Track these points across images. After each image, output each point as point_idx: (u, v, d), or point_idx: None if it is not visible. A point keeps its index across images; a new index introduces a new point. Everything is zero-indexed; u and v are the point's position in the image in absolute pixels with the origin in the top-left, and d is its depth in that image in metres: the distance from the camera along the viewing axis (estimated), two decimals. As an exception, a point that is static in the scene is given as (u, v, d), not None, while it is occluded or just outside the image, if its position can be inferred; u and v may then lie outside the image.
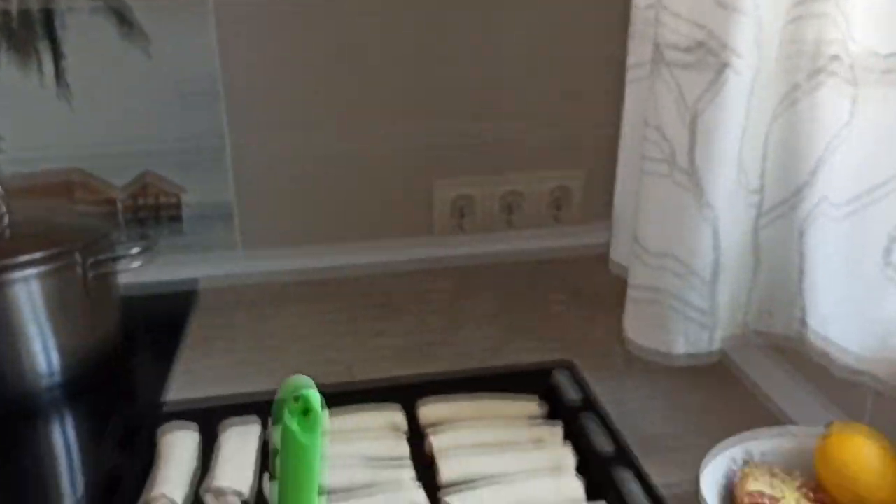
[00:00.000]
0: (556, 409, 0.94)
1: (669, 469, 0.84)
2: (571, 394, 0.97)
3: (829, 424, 0.79)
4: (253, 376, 1.09)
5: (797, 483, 0.77)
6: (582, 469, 0.83)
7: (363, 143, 1.40)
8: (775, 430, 0.85)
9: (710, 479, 0.76)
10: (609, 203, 1.09)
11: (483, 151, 1.42)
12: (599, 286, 1.33)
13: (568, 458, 0.86)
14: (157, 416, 0.93)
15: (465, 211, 1.44)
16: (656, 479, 0.83)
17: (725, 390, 1.03)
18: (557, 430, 0.90)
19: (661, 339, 0.86)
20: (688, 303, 0.84)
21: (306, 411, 0.54)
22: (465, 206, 1.44)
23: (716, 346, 0.86)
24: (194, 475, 0.86)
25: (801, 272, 0.82)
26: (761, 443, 0.81)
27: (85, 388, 1.08)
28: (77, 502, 0.86)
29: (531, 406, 0.95)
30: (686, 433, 0.93)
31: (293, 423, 0.53)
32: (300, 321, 1.24)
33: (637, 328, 0.92)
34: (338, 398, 0.89)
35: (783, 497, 0.75)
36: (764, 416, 0.93)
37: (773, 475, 0.77)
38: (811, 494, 0.75)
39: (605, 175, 1.10)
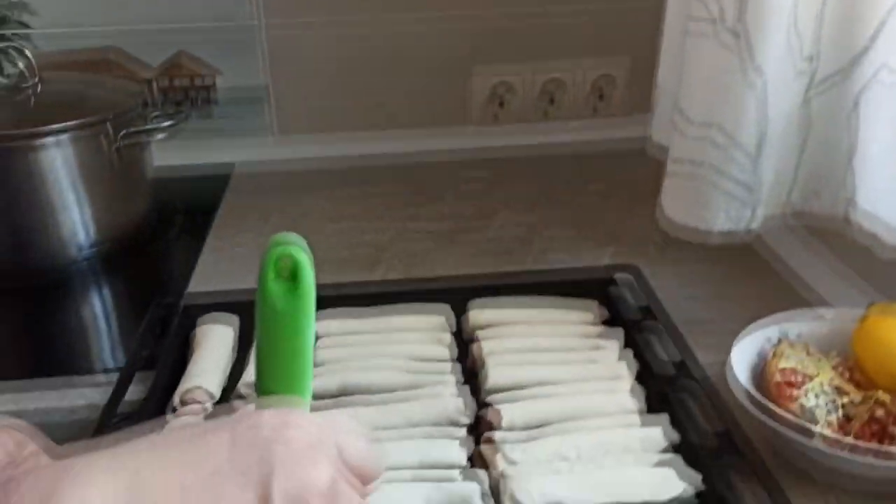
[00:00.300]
0: (617, 316, 0.87)
1: (705, 351, 0.82)
2: (634, 300, 0.89)
3: (869, 305, 0.75)
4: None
5: (833, 363, 0.74)
6: (642, 380, 0.76)
7: (400, 27, 1.31)
8: (812, 311, 0.81)
9: (742, 356, 0.74)
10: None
11: (524, 37, 1.33)
12: (638, 179, 1.28)
13: (628, 365, 0.78)
14: (194, 306, 0.89)
15: (503, 99, 1.37)
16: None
17: (762, 277, 0.97)
18: (617, 338, 0.83)
19: (700, 216, 0.81)
20: (730, 177, 0.78)
21: (294, 276, 0.42)
22: (503, 94, 1.37)
23: (757, 224, 0.81)
24: (231, 367, 0.82)
25: (853, 147, 0.76)
26: (797, 323, 0.77)
27: (117, 264, 1.06)
28: (109, 380, 0.82)
29: (589, 311, 0.87)
30: (722, 319, 0.89)
31: (273, 285, 0.42)
32: (333, 205, 1.19)
33: (675, 205, 0.86)
34: (383, 296, 0.89)
35: (817, 375, 0.72)
36: (801, 301, 0.89)
37: (808, 354, 0.74)
38: (847, 374, 0.72)
39: (651, 65, 1.05)
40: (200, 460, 0.33)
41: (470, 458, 0.69)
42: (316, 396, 0.76)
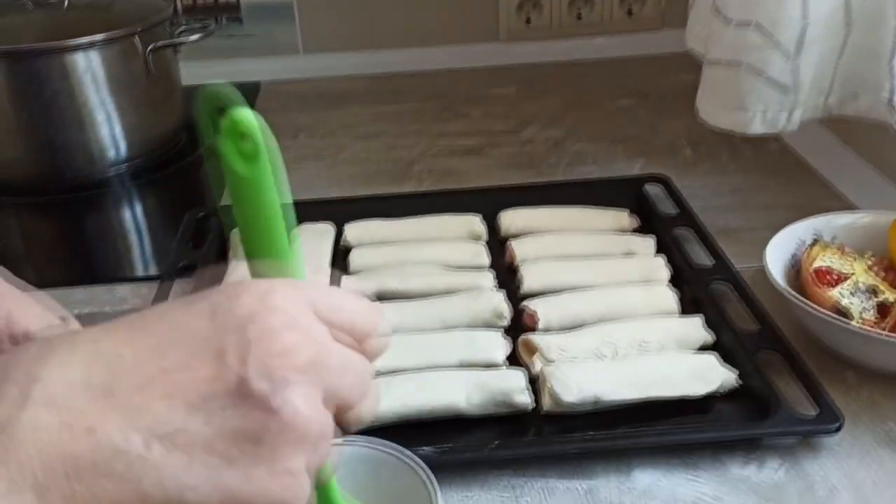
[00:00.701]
0: (648, 225, 0.87)
1: (736, 258, 0.82)
2: (664, 209, 0.90)
3: (906, 204, 0.75)
4: (315, 171, 1.10)
5: (867, 263, 0.74)
6: (675, 284, 0.77)
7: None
8: (845, 213, 0.80)
9: (776, 257, 0.74)
10: (686, 5, 1.02)
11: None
12: (667, 91, 1.27)
13: (661, 270, 0.79)
14: (227, 217, 0.91)
15: (530, 16, 1.35)
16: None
17: (792, 188, 0.97)
18: (650, 243, 0.83)
19: (737, 119, 0.79)
20: (768, 78, 0.76)
21: (241, 134, 0.36)
22: (530, 10, 1.34)
23: (793, 127, 0.81)
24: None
25: (894, 49, 0.76)
26: (831, 225, 0.77)
27: (150, 178, 1.07)
28: (149, 288, 0.83)
29: (622, 217, 0.87)
30: (753, 227, 0.89)
31: (229, 151, 0.36)
32: (361, 122, 1.19)
33: (712, 107, 0.84)
34: (413, 207, 0.89)
35: (852, 273, 0.72)
36: (833, 208, 0.90)
37: (842, 254, 0.75)
38: (882, 273, 0.73)
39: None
40: (179, 341, 0.32)
41: (507, 360, 0.70)
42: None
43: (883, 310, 0.68)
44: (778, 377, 0.66)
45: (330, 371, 0.33)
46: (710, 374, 0.66)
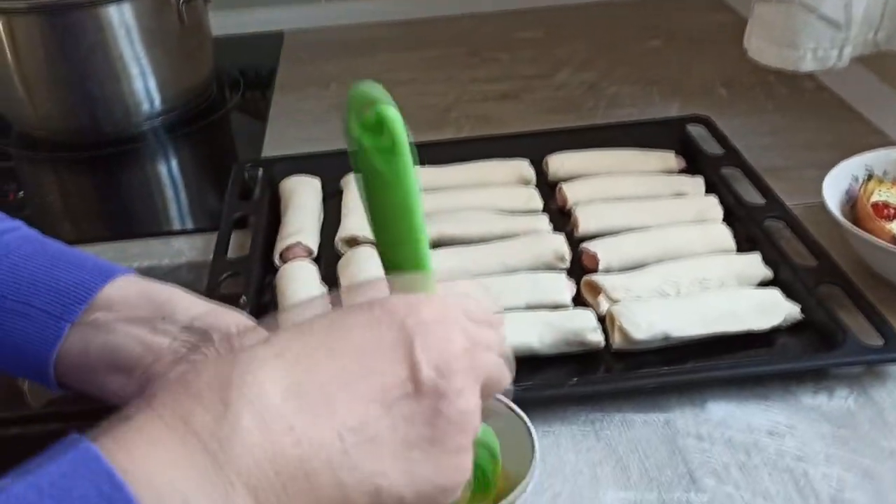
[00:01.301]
0: (694, 165, 0.88)
1: (785, 196, 0.81)
2: (709, 147, 0.90)
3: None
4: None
5: (922, 196, 0.76)
6: (729, 222, 0.78)
7: None
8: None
9: (831, 193, 0.76)
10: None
11: None
12: (697, 29, 1.27)
13: (714, 208, 0.80)
14: (274, 168, 0.91)
15: None
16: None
17: (833, 122, 0.98)
18: (699, 183, 0.84)
19: (787, 56, 0.79)
20: (821, 15, 0.76)
21: (382, 130, 0.38)
22: None
23: (844, 63, 0.81)
24: (321, 223, 0.84)
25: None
26: (884, 160, 0.78)
27: (185, 131, 1.07)
28: (200, 240, 0.86)
29: (668, 159, 0.88)
30: (798, 165, 0.90)
31: (370, 145, 0.38)
32: (389, 69, 1.18)
33: (762, 46, 0.83)
34: (458, 154, 0.89)
35: (908, 207, 0.74)
36: (877, 143, 0.91)
37: (897, 189, 0.76)
38: (936, 206, 0.74)
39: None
40: (350, 342, 0.36)
41: (572, 301, 0.71)
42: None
43: (940, 242, 0.70)
44: (840, 309, 0.68)
45: (478, 358, 0.38)
46: (773, 308, 0.68)
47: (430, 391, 0.35)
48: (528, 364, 0.66)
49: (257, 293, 0.75)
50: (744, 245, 0.77)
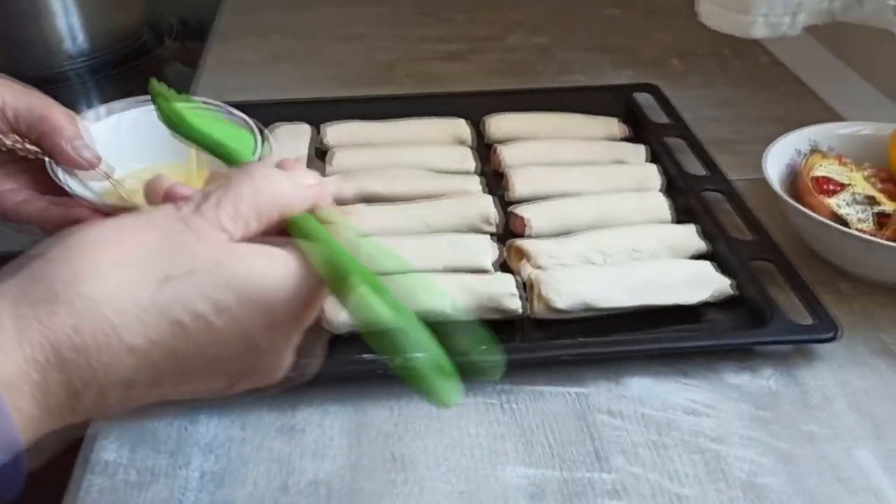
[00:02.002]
0: (638, 134, 0.84)
1: (729, 169, 0.79)
2: (655, 116, 0.86)
3: (909, 114, 0.73)
4: (291, 73, 1.04)
5: (866, 172, 0.72)
6: (668, 193, 0.74)
7: None
8: (844, 123, 0.79)
9: (773, 165, 0.72)
10: None
11: None
12: (655, 1, 1.23)
13: (654, 177, 0.76)
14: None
15: None
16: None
17: (786, 97, 0.95)
18: (641, 151, 0.80)
19: (738, 21, 0.75)
20: None
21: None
22: None
23: (796, 30, 0.77)
24: None
25: (904, -50, 0.72)
26: (830, 134, 0.74)
27: (111, 70, 1.01)
28: None
29: (611, 125, 0.84)
30: (746, 139, 0.86)
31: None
32: (339, 22, 1.13)
33: (713, 10, 0.81)
34: (395, 111, 0.85)
35: (851, 184, 0.70)
36: (827, 119, 0.87)
37: (840, 164, 0.72)
38: (880, 185, 0.71)
39: None
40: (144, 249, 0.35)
41: (497, 268, 0.67)
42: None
43: (881, 220, 0.66)
44: (773, 287, 0.64)
45: None
46: (704, 281, 0.64)
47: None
48: (440, 330, 0.62)
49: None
50: (682, 217, 0.73)
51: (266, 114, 0.83)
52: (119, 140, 0.57)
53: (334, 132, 0.82)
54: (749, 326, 0.62)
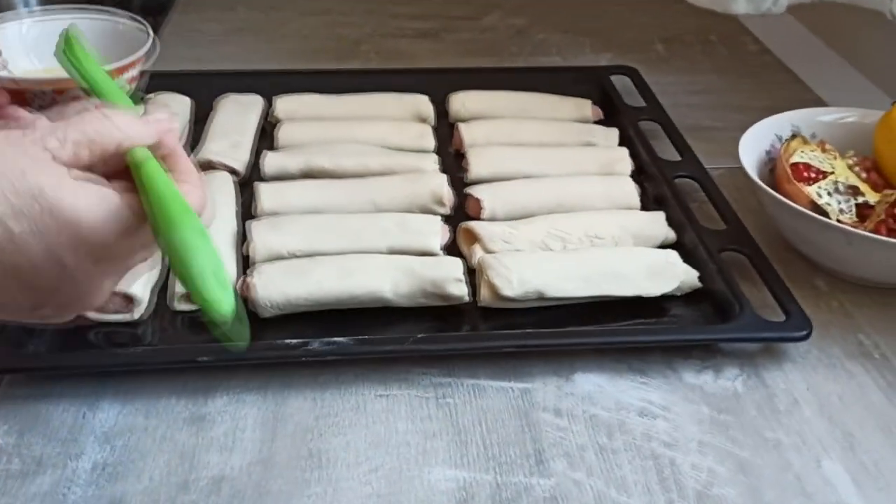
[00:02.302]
0: (612, 117, 0.79)
1: (706, 157, 0.74)
2: (631, 100, 0.81)
3: (894, 102, 0.68)
4: (252, 45, 0.98)
5: (850, 161, 0.67)
6: (637, 181, 0.69)
7: None
8: (828, 109, 0.74)
9: (750, 150, 0.66)
10: None
11: None
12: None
13: (623, 162, 0.70)
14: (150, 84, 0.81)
15: None
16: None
17: (772, 85, 0.90)
18: (612, 134, 0.75)
19: None
20: None
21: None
22: None
23: (780, 9, 0.72)
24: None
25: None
26: (812, 120, 0.69)
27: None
28: None
29: (583, 107, 0.79)
30: (726, 127, 0.81)
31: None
32: (305, -3, 1.12)
33: None
34: (355, 87, 0.79)
35: (832, 172, 0.65)
36: (814, 105, 0.82)
37: (823, 151, 0.67)
38: (864, 174, 0.66)
39: None
40: None
41: (446, 251, 0.62)
42: (275, 179, 0.69)
43: (863, 212, 0.61)
44: (744, 281, 0.59)
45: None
46: (668, 272, 0.58)
47: None
48: (382, 316, 0.56)
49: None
50: (651, 205, 0.68)
51: (218, 84, 0.80)
52: (24, 42, 0.66)
53: (285, 105, 0.77)
54: (714, 322, 0.56)
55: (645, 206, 0.67)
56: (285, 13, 1.05)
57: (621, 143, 0.75)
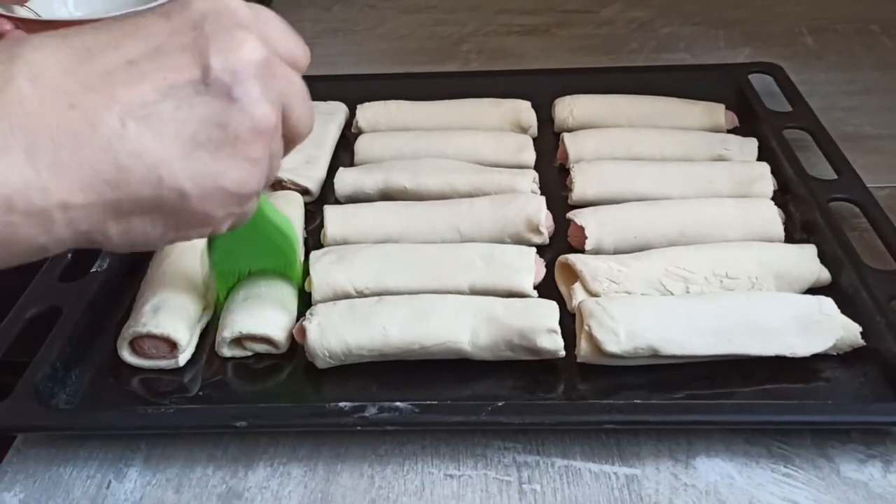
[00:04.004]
0: (751, 125, 0.67)
1: (867, 173, 0.61)
2: (774, 104, 0.69)
3: None
4: (343, 47, 0.92)
5: None
6: (781, 203, 0.57)
7: None
8: None
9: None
10: None
11: None
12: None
13: (763, 181, 0.59)
14: None
15: None
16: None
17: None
18: (751, 146, 0.64)
19: None
20: None
21: None
22: None
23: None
24: None
25: None
26: None
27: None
28: None
29: (716, 112, 0.67)
30: (892, 135, 0.70)
31: None
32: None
33: None
34: (452, 85, 0.72)
35: None
36: None
37: None
38: None
39: None
40: (142, 39, 0.35)
41: (539, 290, 0.52)
42: (350, 199, 0.61)
43: None
44: (922, 340, 0.46)
45: (277, 77, 0.36)
46: (822, 326, 0.47)
47: (222, 93, 0.34)
48: (459, 371, 0.47)
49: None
50: (798, 236, 0.56)
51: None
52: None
53: (368, 113, 0.69)
54: (882, 395, 0.44)
55: (790, 238, 0.55)
56: (384, 11, 0.98)
57: (761, 157, 0.63)
